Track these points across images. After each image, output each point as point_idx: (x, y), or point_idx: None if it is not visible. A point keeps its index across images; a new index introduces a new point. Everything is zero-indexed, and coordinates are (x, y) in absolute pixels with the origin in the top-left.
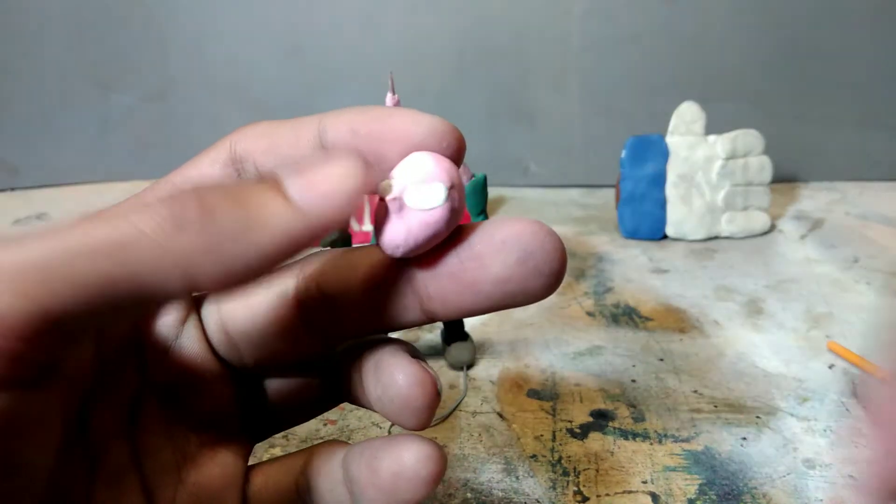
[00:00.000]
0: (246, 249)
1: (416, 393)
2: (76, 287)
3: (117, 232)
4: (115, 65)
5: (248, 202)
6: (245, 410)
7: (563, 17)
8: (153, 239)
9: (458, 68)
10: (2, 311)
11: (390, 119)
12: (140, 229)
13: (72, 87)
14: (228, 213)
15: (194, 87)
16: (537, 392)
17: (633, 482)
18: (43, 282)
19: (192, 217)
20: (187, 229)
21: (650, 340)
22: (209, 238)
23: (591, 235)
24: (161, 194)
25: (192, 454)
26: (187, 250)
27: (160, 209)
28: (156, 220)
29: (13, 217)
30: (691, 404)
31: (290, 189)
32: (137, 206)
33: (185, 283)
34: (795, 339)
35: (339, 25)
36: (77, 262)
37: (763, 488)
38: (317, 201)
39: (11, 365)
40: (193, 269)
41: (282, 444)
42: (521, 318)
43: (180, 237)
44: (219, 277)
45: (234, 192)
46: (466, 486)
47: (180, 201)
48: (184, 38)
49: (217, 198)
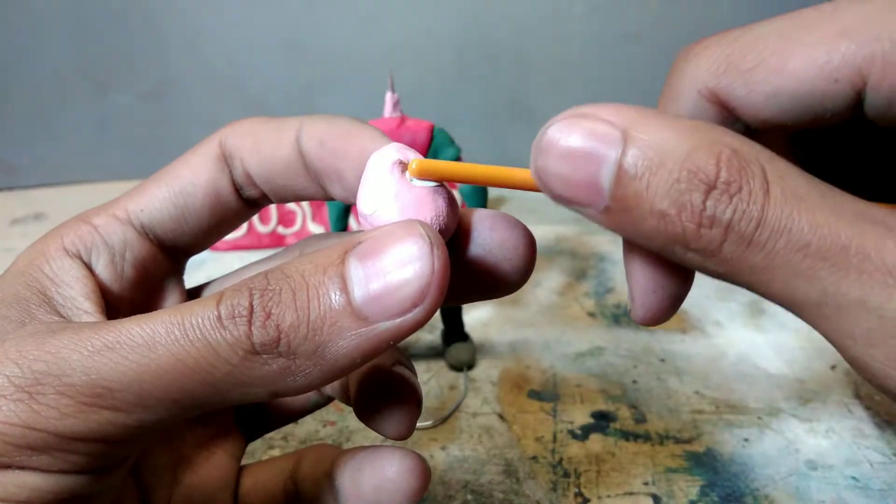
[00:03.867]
0: (321, 368)
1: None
2: (167, 404)
3: (201, 355)
4: (112, 63)
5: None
6: (242, 407)
7: (563, 16)
8: (235, 363)
9: (458, 67)
10: (95, 424)
11: (354, 139)
12: (220, 353)
13: (69, 86)
14: (297, 331)
15: (192, 86)
16: (538, 393)
17: (635, 484)
18: (136, 399)
19: (269, 342)
20: (266, 355)
21: (651, 341)
22: (286, 363)
23: (592, 235)
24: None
25: (188, 454)
26: (269, 374)
27: (235, 329)
28: (235, 345)
29: (11, 217)
30: (693, 405)
31: (354, 290)
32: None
33: (269, 397)
34: (797, 340)
35: (338, 24)
36: (166, 381)
37: (765, 490)
38: (383, 311)
39: (98, 462)
40: (276, 388)
41: (281, 445)
42: (521, 318)
43: (261, 363)
44: (300, 391)
45: (300, 299)
46: (467, 488)
47: (252, 319)
48: (182, 37)
49: (286, 313)
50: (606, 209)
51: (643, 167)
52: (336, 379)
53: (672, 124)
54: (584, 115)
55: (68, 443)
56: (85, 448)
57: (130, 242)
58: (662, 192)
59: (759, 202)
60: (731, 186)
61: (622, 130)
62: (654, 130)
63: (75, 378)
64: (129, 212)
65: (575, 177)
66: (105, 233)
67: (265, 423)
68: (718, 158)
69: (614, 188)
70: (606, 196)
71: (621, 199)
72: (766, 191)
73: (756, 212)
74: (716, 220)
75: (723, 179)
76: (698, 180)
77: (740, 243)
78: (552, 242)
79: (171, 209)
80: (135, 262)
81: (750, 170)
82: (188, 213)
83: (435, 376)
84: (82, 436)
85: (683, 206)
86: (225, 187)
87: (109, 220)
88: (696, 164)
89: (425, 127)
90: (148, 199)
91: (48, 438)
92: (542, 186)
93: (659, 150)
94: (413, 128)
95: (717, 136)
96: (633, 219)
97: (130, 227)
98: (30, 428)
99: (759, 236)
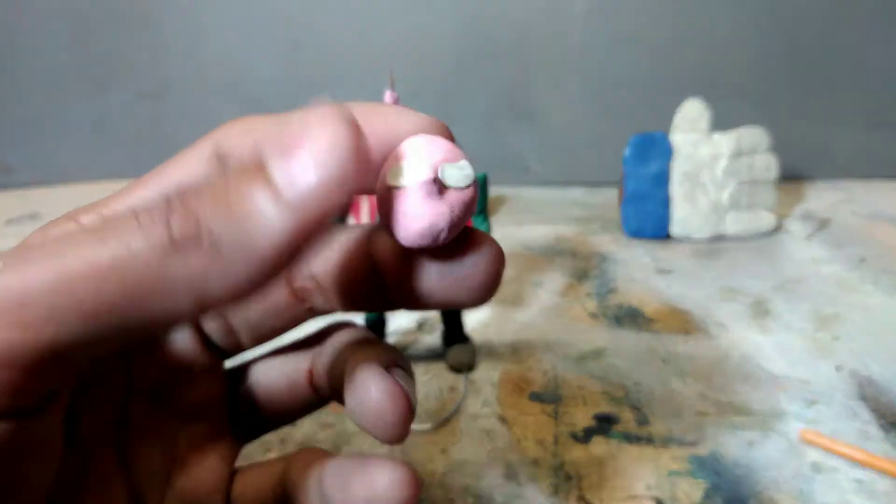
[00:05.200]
0: (248, 261)
1: (387, 407)
2: (81, 316)
3: (115, 255)
4: (110, 63)
5: (238, 205)
6: (234, 405)
7: (564, 15)
8: (153, 262)
9: (458, 66)
10: (4, 344)
11: (377, 116)
12: (136, 251)
13: (67, 85)
14: (222, 224)
15: (190, 86)
16: (539, 395)
17: (637, 487)
18: (46, 312)
19: (188, 234)
20: (186, 250)
21: (654, 342)
22: (209, 257)
23: (593, 235)
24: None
25: (181, 457)
26: (191, 273)
27: (152, 226)
28: (151, 240)
29: (7, 216)
30: (696, 407)
31: (275, 176)
32: (126, 222)
33: (195, 305)
34: (802, 341)
35: (337, 23)
36: (79, 289)
37: (769, 492)
38: (305, 191)
39: (15, 396)
40: (200, 291)
41: (278, 448)
42: (522, 319)
43: (181, 259)
44: (227, 294)
45: (222, 195)
46: (467, 492)
47: (170, 214)
48: (180, 36)
49: (206, 206)
50: None
51: None
52: (266, 278)
53: None
54: None
55: None
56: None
57: None
58: None
59: None
60: None
61: None
62: None
63: None
64: (116, 211)
65: None
66: None
67: (259, 425)
68: None
69: None
70: None
71: None
72: None
73: None
74: None
75: None
76: None
77: None
78: (553, 242)
79: None
80: None
81: None
82: None
83: (435, 378)
84: None
85: None
86: None
87: (96, 220)
88: None
89: None
90: (134, 200)
91: None
92: None
93: None
94: None
95: None
96: None
97: None
98: None
99: None
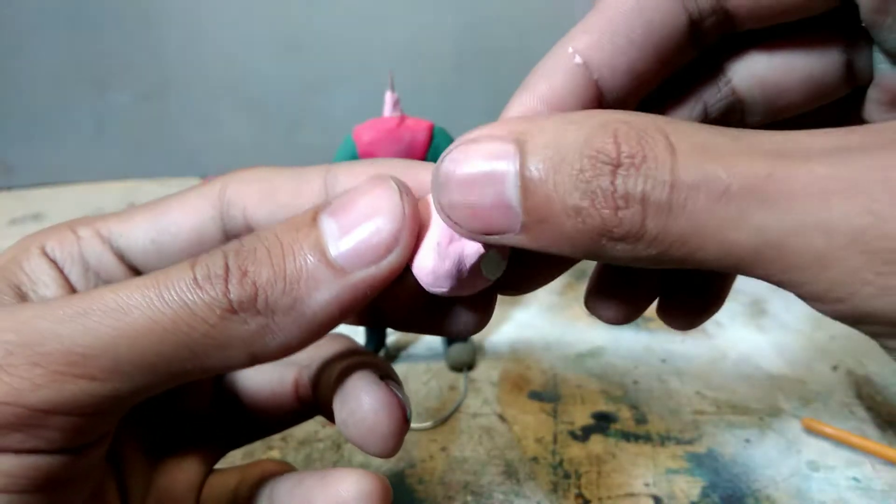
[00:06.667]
0: (300, 324)
1: (381, 417)
2: (143, 369)
3: (176, 314)
4: (110, 63)
5: (294, 272)
6: (221, 413)
7: (563, 16)
8: (212, 321)
9: (458, 67)
10: (70, 394)
11: (409, 172)
12: (196, 311)
13: (67, 86)
14: (279, 291)
15: (190, 86)
16: (538, 394)
17: (636, 485)
18: (112, 364)
19: (247, 299)
20: (244, 313)
21: (652, 341)
22: (265, 320)
23: None
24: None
25: (163, 458)
26: (247, 333)
27: (211, 288)
28: (211, 302)
29: (9, 217)
30: (694, 406)
31: (328, 243)
32: (182, 275)
33: (248, 360)
34: (799, 340)
35: (337, 23)
36: (142, 344)
37: (766, 490)
38: (358, 260)
39: (76, 437)
40: (255, 349)
41: (280, 446)
42: (521, 319)
43: (239, 321)
44: (280, 352)
45: (279, 261)
46: (467, 489)
47: (229, 277)
48: (180, 37)
49: (263, 271)
50: (524, 227)
51: (545, 169)
52: (315, 338)
53: (562, 120)
54: (473, 140)
55: (42, 416)
56: (60, 422)
57: (105, 263)
58: (570, 187)
59: (666, 165)
60: (636, 158)
61: (514, 142)
62: (546, 131)
63: (48, 346)
64: (112, 232)
65: (482, 203)
66: (84, 246)
67: (245, 432)
68: (615, 136)
69: (523, 200)
70: (519, 212)
71: (533, 209)
72: (671, 152)
73: (666, 175)
74: (630, 197)
75: (625, 154)
76: (601, 163)
77: (661, 213)
78: None
79: (147, 244)
80: (105, 283)
81: (650, 137)
82: (164, 251)
83: (435, 377)
84: (57, 407)
85: (594, 193)
86: (211, 235)
87: (92, 236)
88: (595, 149)
89: (425, 126)
90: (130, 227)
91: (21, 412)
92: (455, 224)
93: (556, 148)
94: (413, 127)
95: (607, 118)
96: (552, 226)
97: (108, 248)
98: (1, 403)
99: (677, 199)
